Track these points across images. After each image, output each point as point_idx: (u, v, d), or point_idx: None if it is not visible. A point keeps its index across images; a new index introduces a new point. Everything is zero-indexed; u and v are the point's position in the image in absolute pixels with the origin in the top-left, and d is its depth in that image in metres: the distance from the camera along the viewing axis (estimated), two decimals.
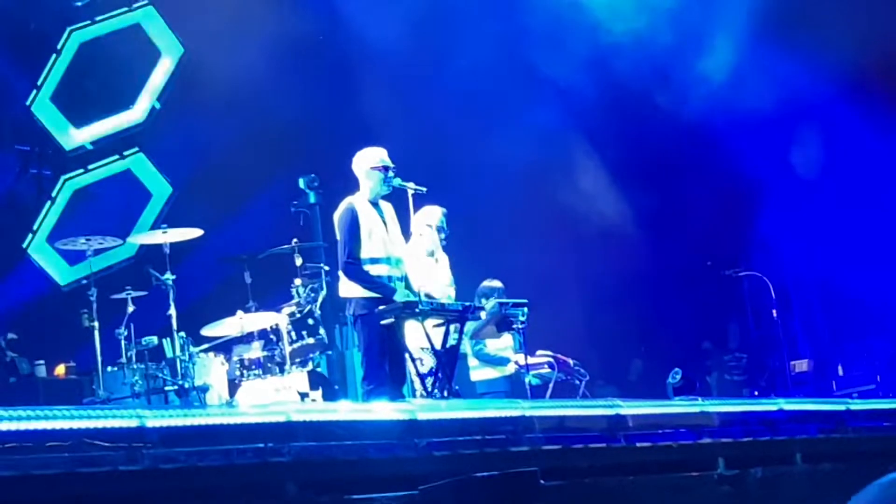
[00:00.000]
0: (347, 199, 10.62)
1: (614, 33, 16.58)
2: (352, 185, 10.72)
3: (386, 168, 10.62)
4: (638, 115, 17.38)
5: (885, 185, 18.08)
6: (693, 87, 16.87)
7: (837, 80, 16.99)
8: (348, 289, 10.48)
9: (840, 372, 18.04)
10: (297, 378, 12.28)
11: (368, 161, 10.66)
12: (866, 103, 17.04)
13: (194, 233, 13.22)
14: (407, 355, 10.68)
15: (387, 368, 10.31)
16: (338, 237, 10.59)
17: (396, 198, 10.91)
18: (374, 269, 10.44)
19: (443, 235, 11.58)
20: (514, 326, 12.04)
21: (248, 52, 15.83)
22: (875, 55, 16.77)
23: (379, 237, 10.49)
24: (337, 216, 10.61)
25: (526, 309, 11.90)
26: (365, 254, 10.43)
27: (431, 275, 11.40)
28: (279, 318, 12.63)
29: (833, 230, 18.43)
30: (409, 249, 11.28)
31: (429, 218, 11.51)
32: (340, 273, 10.56)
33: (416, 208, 11.22)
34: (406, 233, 11.31)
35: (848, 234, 18.32)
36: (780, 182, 18.38)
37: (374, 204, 10.62)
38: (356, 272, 10.38)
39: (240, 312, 12.86)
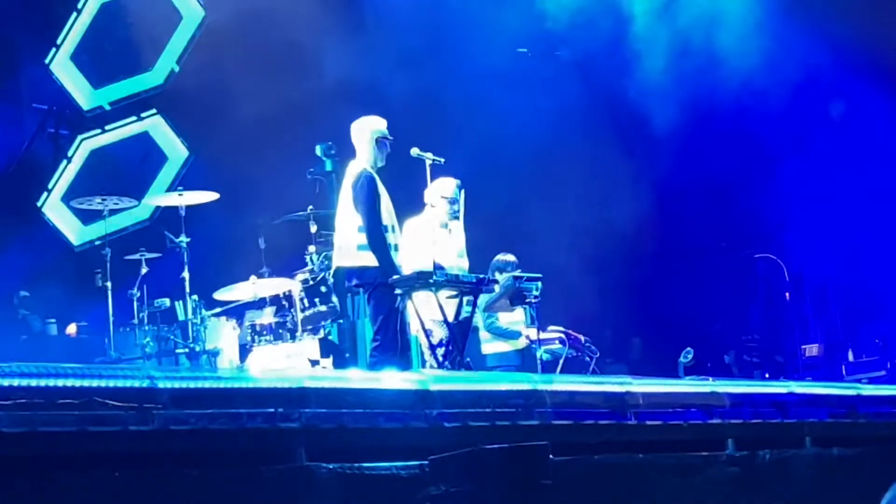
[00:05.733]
0: (360, 166, 10.50)
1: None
2: None
3: (385, 141, 10.54)
4: (654, 93, 17.31)
5: None
6: (710, 65, 16.77)
7: (857, 60, 16.87)
8: (359, 258, 10.38)
9: (850, 357, 18.01)
10: (309, 345, 12.29)
11: (369, 130, 10.56)
12: (887, 84, 16.94)
13: (210, 196, 13.23)
14: (419, 326, 10.66)
15: (399, 338, 10.29)
16: (352, 204, 10.41)
17: (413, 168, 10.88)
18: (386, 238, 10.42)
19: (456, 207, 11.52)
20: (528, 300, 12.03)
21: (268, 18, 15.79)
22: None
23: (385, 206, 10.45)
24: (352, 183, 10.44)
25: (540, 283, 11.88)
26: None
27: (444, 246, 11.36)
28: (292, 285, 12.63)
29: (848, 215, 18.38)
30: (423, 220, 11.26)
31: (442, 189, 11.44)
32: (347, 241, 10.40)
33: (434, 179, 11.19)
34: (421, 203, 11.29)
35: (862, 220, 18.27)
36: (797, 165, 18.32)
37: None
38: (382, 242, 10.28)
39: (253, 277, 12.88)
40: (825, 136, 18.07)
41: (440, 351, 10.76)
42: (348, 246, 10.40)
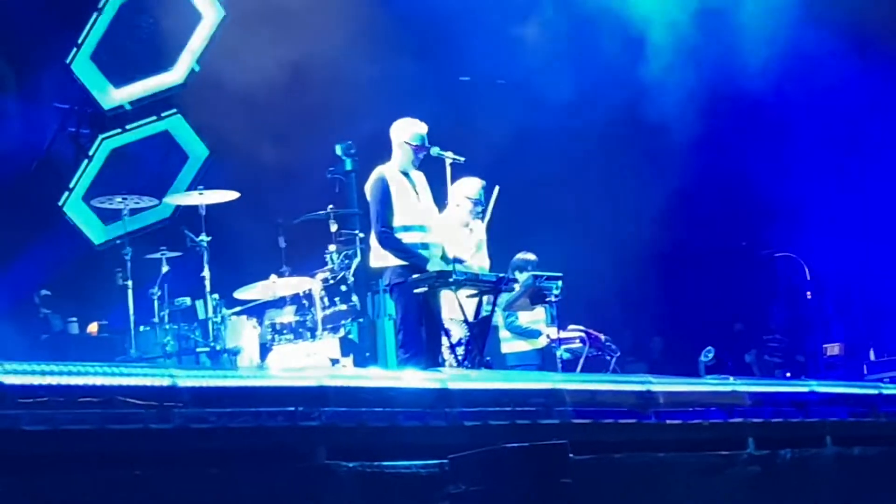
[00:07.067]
0: (378, 169, 10.55)
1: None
2: (389, 153, 10.67)
3: (420, 148, 10.54)
4: (673, 91, 17.26)
5: None
6: (726, 62, 16.69)
7: (877, 55, 16.81)
8: (382, 258, 10.42)
9: (872, 356, 17.93)
10: (329, 344, 12.29)
11: (406, 134, 10.57)
12: None
13: (230, 195, 13.25)
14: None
15: (424, 337, 10.27)
16: (370, 207, 10.52)
17: (435, 166, 10.87)
18: (407, 237, 10.38)
19: (479, 208, 11.51)
20: (548, 300, 12.00)
21: (289, 17, 15.79)
22: None
23: (411, 205, 10.43)
24: (368, 186, 10.54)
25: (560, 282, 11.85)
26: (398, 222, 10.36)
27: (466, 246, 11.33)
28: (312, 284, 12.64)
29: (870, 213, 18.31)
30: (445, 219, 11.23)
31: (467, 190, 11.42)
32: (373, 243, 10.50)
33: (454, 178, 11.16)
34: (442, 202, 11.27)
35: (884, 218, 18.21)
36: (818, 162, 18.25)
37: (405, 174, 10.55)
38: (390, 240, 10.32)
39: (273, 276, 12.89)
40: (846, 133, 18.00)
41: (460, 350, 10.75)
42: (373, 247, 10.48)
